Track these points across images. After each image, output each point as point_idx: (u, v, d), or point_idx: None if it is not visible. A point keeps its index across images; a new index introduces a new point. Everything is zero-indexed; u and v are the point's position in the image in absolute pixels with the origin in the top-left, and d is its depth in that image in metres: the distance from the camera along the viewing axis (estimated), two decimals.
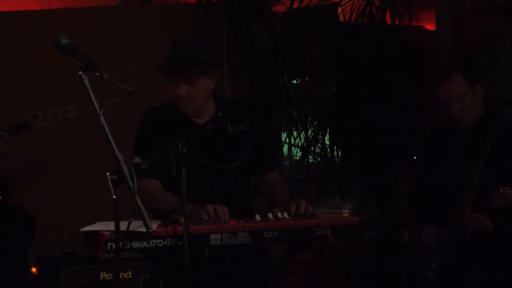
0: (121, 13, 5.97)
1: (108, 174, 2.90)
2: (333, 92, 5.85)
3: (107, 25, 5.75)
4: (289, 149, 5.89)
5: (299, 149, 5.90)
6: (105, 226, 3.20)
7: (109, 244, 3.16)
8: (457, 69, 4.12)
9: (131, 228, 2.95)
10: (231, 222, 3.39)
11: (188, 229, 3.17)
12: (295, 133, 5.84)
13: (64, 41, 3.00)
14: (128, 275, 4.82)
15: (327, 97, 5.88)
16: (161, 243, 3.25)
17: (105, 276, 4.91)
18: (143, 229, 3.06)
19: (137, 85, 3.01)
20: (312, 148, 5.90)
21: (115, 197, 2.88)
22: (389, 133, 5.27)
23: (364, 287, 5.53)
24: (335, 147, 5.85)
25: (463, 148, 4.14)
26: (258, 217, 3.44)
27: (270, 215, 3.49)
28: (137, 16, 5.90)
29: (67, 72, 3.57)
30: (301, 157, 5.92)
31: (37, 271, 5.14)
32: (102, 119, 2.91)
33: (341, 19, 5.79)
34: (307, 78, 5.94)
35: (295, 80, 5.96)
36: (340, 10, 5.78)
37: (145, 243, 3.23)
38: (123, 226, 2.91)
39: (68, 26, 5.48)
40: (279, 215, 3.51)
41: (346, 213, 3.58)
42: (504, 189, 3.72)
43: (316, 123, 5.88)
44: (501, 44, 5.91)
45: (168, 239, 3.26)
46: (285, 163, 5.91)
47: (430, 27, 6.23)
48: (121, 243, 3.05)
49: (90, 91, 2.95)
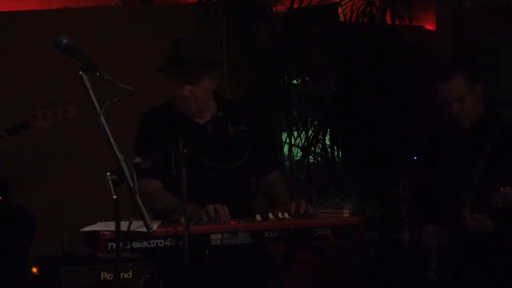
0: (121, 13, 5.97)
1: (109, 174, 2.90)
2: (333, 92, 5.84)
3: (107, 25, 5.75)
4: (290, 149, 5.89)
5: (299, 149, 5.90)
6: (105, 226, 3.20)
7: (109, 244, 3.16)
8: (457, 69, 4.12)
9: (131, 228, 2.95)
10: (231, 222, 3.39)
11: (188, 229, 3.16)
12: (295, 133, 5.84)
13: (64, 41, 3.00)
14: (129, 275, 4.82)
15: (327, 97, 5.88)
16: (161, 243, 3.25)
17: (105, 276, 4.91)
18: (144, 229, 3.07)
19: (137, 85, 3.00)
20: (313, 148, 5.90)
21: (115, 197, 2.88)
22: (389, 133, 5.26)
23: (364, 287, 5.52)
24: (336, 147, 5.85)
25: (463, 148, 4.14)
26: (258, 217, 3.44)
27: (270, 215, 3.49)
28: (137, 16, 5.90)
29: (67, 72, 3.57)
30: (302, 157, 5.92)
31: (37, 271, 5.14)
32: (102, 119, 2.91)
33: (342, 19, 5.79)
34: (307, 78, 5.94)
35: (295, 80, 5.95)
36: (340, 10, 5.78)
37: (145, 243, 3.22)
38: (124, 226, 2.92)
39: (68, 26, 5.48)
40: (280, 215, 3.51)
41: (346, 213, 3.58)
42: (504, 189, 3.72)
43: (316, 123, 5.88)
44: (501, 44, 5.92)
45: (169, 239, 3.25)
46: (286, 163, 5.91)
47: (430, 27, 6.23)
48: (121, 243, 3.05)
49: (90, 91, 2.95)
